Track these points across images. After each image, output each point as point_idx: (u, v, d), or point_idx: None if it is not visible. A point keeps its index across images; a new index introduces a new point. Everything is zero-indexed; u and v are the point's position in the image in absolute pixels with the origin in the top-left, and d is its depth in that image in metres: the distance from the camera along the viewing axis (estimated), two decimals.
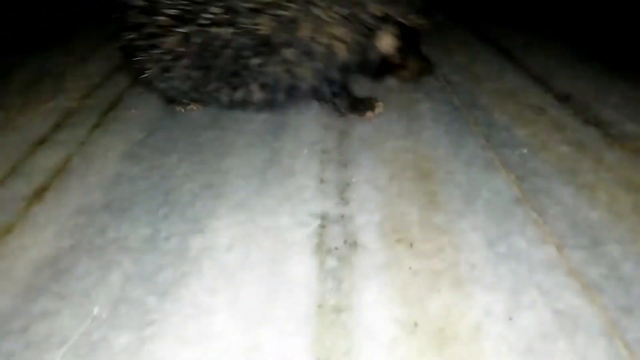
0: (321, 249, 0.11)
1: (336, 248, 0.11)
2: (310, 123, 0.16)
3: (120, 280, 0.10)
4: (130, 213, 0.12)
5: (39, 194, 0.13)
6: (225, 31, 0.15)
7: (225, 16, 0.15)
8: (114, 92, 0.18)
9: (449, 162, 0.14)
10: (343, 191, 0.13)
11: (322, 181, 0.13)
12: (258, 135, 0.15)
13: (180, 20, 0.16)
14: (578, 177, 0.13)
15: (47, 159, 0.14)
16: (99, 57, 0.21)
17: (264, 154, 0.14)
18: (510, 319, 0.10)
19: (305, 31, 0.15)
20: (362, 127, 0.16)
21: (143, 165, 0.14)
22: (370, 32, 0.16)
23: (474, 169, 0.14)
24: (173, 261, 0.11)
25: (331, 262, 0.11)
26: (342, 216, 0.12)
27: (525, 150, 0.14)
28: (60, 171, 0.14)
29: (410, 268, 0.11)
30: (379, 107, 0.16)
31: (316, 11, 0.15)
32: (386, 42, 0.16)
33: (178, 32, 0.16)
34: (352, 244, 0.11)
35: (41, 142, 0.15)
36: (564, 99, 0.17)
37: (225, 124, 0.16)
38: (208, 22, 0.16)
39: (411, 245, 0.11)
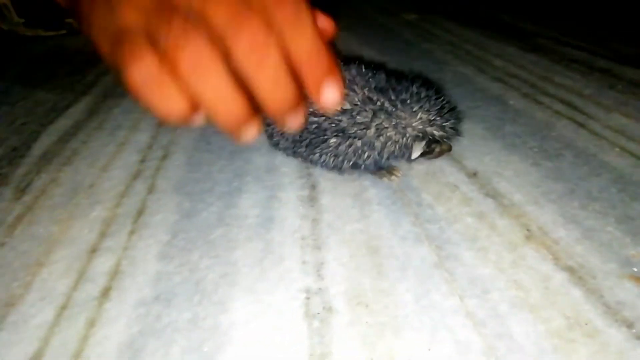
0: (308, 315, 0.17)
1: (318, 313, 0.17)
2: (291, 215, 0.22)
3: (179, 353, 0.16)
4: (174, 302, 0.18)
5: (105, 293, 0.18)
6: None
7: None
8: (138, 200, 0.24)
9: (390, 239, 0.20)
10: (319, 269, 0.19)
11: (303, 262, 0.19)
12: (254, 229, 0.21)
13: None
14: (477, 242, 0.20)
15: (103, 264, 0.20)
16: (116, 167, 0.27)
17: (260, 245, 0.20)
18: (429, 349, 0.16)
19: (371, 131, 0.22)
20: (329, 214, 0.22)
21: (175, 262, 0.20)
22: (410, 140, 0.23)
23: (407, 242, 0.20)
24: (211, 335, 0.16)
25: (316, 323, 0.17)
26: (320, 289, 0.18)
27: (442, 224, 0.21)
28: (116, 273, 0.19)
29: (367, 322, 0.17)
30: (398, 173, 0.23)
31: (381, 120, 0.22)
32: (417, 149, 0.23)
33: None
34: (328, 309, 0.17)
35: (94, 250, 0.21)
36: (472, 175, 0.23)
37: (229, 221, 0.22)
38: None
39: (367, 306, 0.17)
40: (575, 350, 0.14)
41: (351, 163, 0.23)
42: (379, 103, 0.22)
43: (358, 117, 0.22)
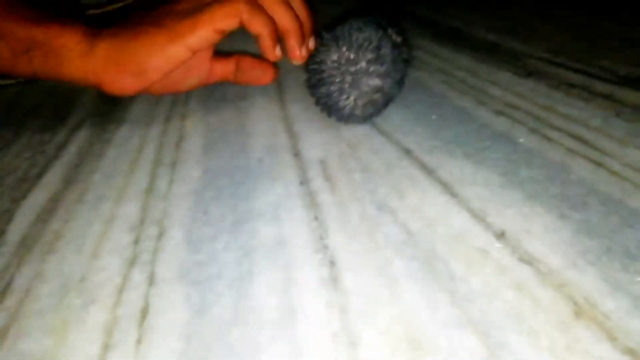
0: None
1: None
2: (314, 303, 0.20)
3: None
4: None
5: None
6: None
7: None
8: (139, 295, 0.21)
9: (430, 326, 0.18)
10: None
11: None
12: (276, 326, 0.19)
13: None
14: (524, 323, 0.18)
15: None
16: (108, 252, 0.24)
17: (287, 347, 0.18)
18: None
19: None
20: (356, 298, 0.20)
21: None
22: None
23: (450, 329, 0.18)
24: None
25: None
26: None
27: (482, 302, 0.19)
28: None
29: None
30: None
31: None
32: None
33: None
34: None
35: None
36: (500, 235, 0.22)
37: (246, 318, 0.20)
38: None
39: None
40: None
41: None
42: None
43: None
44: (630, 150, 0.26)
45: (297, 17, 0.30)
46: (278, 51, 0.30)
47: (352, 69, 0.28)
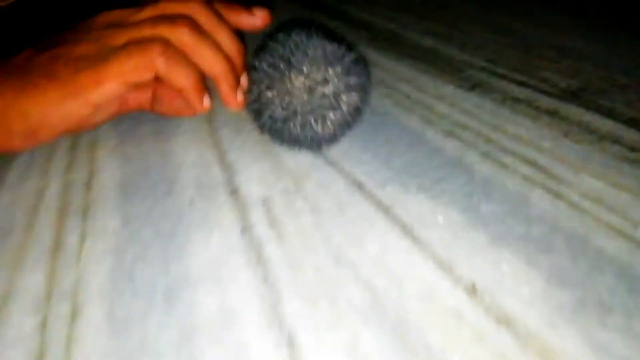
0: None
1: None
2: None
3: None
4: None
5: None
6: None
7: None
8: None
9: None
10: None
11: None
12: None
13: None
14: None
15: None
16: (6, 345, 0.19)
17: None
18: None
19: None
20: None
21: None
22: None
23: None
24: None
25: None
26: None
27: None
28: None
29: None
30: None
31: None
32: None
33: None
34: None
35: None
36: (471, 291, 0.20)
37: None
38: None
39: None
40: None
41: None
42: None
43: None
44: (585, 177, 0.25)
45: (225, 56, 0.26)
46: (207, 102, 0.27)
47: (326, 90, 0.25)
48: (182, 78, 0.24)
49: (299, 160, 0.28)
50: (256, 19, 0.28)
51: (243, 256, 0.22)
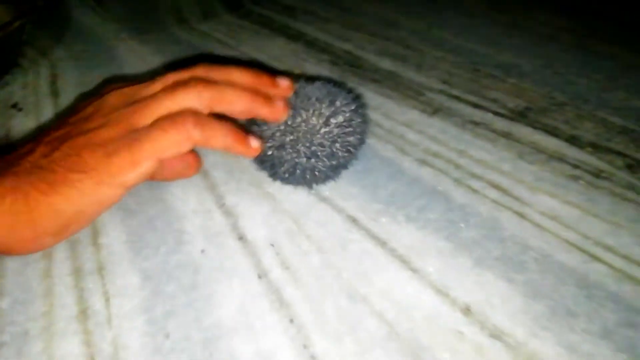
0: None
1: None
2: None
3: None
4: None
5: None
6: None
7: None
8: None
9: None
10: None
11: None
12: None
13: None
14: None
15: None
16: None
17: None
18: None
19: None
20: None
21: None
22: None
23: None
24: None
25: None
26: None
27: None
28: None
29: None
30: None
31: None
32: None
33: None
34: None
35: None
36: (467, 311, 0.24)
37: None
38: None
39: None
40: None
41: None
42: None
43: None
44: (541, 196, 0.30)
45: (247, 89, 0.27)
46: (256, 144, 0.28)
47: (325, 131, 0.29)
48: (221, 139, 0.25)
49: (294, 199, 0.31)
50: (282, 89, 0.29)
51: (265, 301, 0.25)
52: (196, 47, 0.52)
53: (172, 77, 0.27)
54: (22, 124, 0.39)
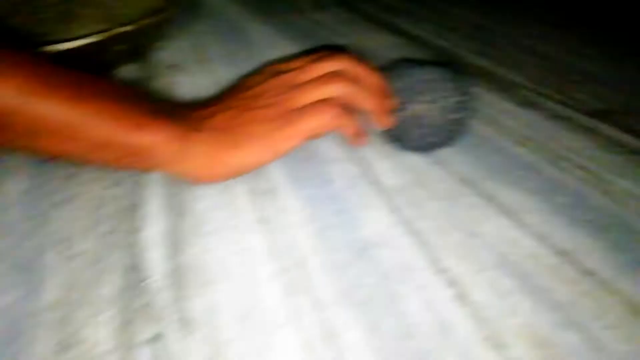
0: None
1: None
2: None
3: None
4: None
5: None
6: None
7: None
8: (318, 318, 0.26)
9: None
10: None
11: None
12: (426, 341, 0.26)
13: None
14: None
15: None
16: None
17: None
18: None
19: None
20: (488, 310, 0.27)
21: None
22: None
23: None
24: None
25: None
26: None
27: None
28: None
29: None
30: None
31: None
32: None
33: None
34: None
35: None
36: (562, 253, 0.31)
37: (417, 332, 0.26)
38: None
39: None
40: None
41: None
42: None
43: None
44: (624, 181, 0.37)
45: (375, 93, 0.34)
46: (366, 140, 0.37)
47: (444, 105, 0.36)
48: (350, 128, 0.33)
49: (414, 159, 0.39)
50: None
51: (400, 229, 0.32)
52: (311, 34, 0.60)
53: (325, 65, 0.33)
54: (183, 85, 0.48)
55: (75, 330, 0.24)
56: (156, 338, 0.24)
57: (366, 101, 0.33)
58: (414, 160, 0.38)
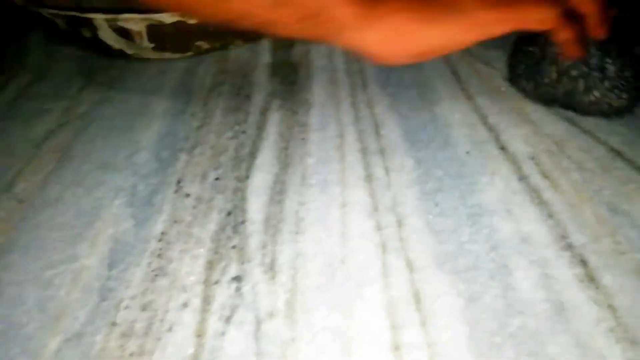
0: None
1: None
2: (579, 300, 0.23)
3: None
4: None
5: None
6: None
7: None
8: (405, 280, 0.25)
9: None
10: None
11: None
12: (552, 319, 0.22)
13: None
14: None
15: None
16: (355, 235, 0.27)
17: (572, 339, 0.21)
18: None
19: None
20: (622, 297, 0.23)
21: None
22: None
23: None
24: None
25: None
26: None
27: None
28: None
29: None
30: None
31: None
32: None
33: None
34: None
35: (397, 347, 0.22)
36: None
37: (519, 308, 0.23)
38: None
39: None
40: None
41: None
42: None
43: None
44: None
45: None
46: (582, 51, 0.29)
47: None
48: (569, 32, 0.27)
49: (556, 127, 0.34)
50: None
51: (525, 196, 0.28)
52: None
53: None
54: None
55: (171, 260, 0.26)
56: (240, 277, 0.25)
57: (586, 3, 0.27)
58: (556, 128, 0.33)
